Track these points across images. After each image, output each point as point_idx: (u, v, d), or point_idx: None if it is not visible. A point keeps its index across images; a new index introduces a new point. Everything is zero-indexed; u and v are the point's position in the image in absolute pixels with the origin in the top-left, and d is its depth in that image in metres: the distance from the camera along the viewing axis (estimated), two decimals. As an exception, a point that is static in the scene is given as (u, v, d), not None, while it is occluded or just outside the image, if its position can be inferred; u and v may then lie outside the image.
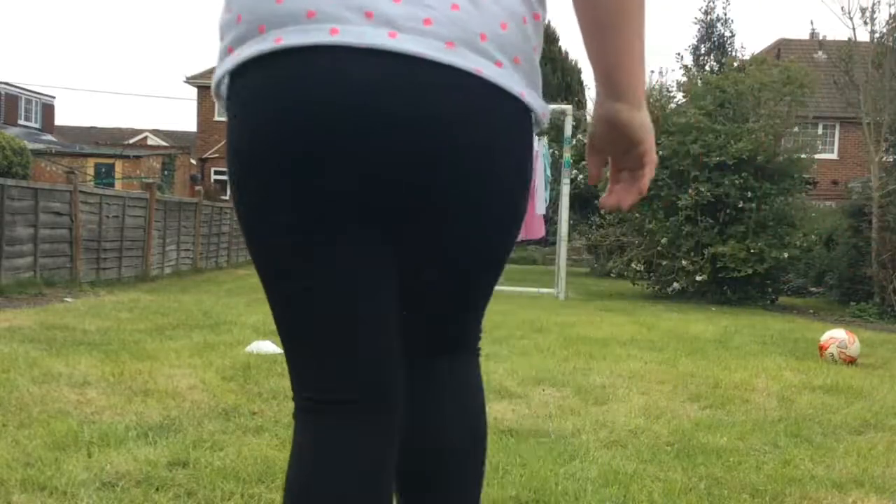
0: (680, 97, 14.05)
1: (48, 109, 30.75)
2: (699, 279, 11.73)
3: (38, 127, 29.35)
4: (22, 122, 28.43)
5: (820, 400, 4.27)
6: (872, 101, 11.81)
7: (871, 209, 11.39)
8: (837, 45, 13.64)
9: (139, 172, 23.45)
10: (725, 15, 33.18)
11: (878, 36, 12.07)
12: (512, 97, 1.04)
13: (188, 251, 14.66)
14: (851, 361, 5.72)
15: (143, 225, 12.32)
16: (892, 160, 12.18)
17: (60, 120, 33.56)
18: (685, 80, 14.54)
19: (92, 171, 22.82)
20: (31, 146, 16.01)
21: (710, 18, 28.38)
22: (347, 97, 0.96)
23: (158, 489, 2.40)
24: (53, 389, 3.65)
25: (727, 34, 28.34)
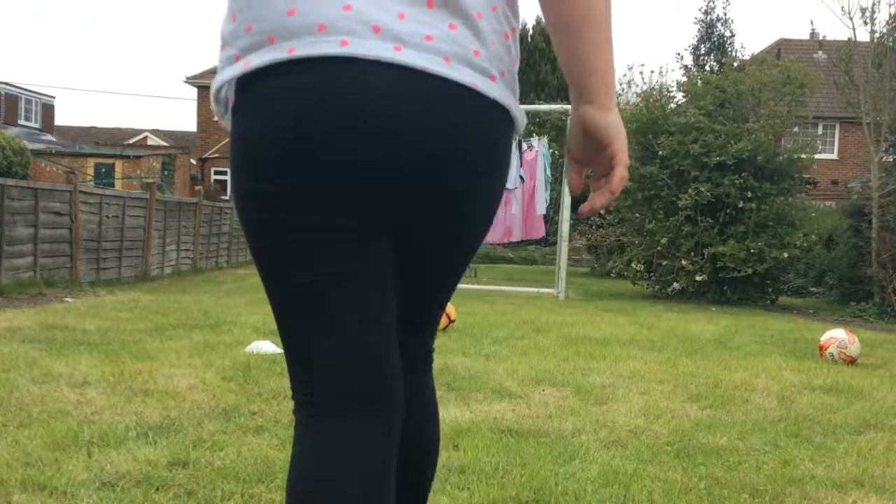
0: (680, 97, 14.04)
1: (48, 109, 30.73)
2: (699, 279, 11.72)
3: (38, 127, 29.34)
4: (22, 122, 28.42)
5: (820, 400, 4.27)
6: (872, 101, 11.81)
7: (871, 209, 11.39)
8: (837, 45, 13.64)
9: (139, 172, 23.45)
10: (725, 15, 33.22)
11: (878, 36, 12.06)
12: (502, 108, 1.12)
13: (188, 251, 14.66)
14: (851, 361, 5.72)
15: (143, 225, 12.32)
16: (892, 160, 12.18)
17: (60, 120, 33.62)
18: (685, 80, 14.54)
19: (92, 171, 22.83)
20: (31, 146, 16.04)
21: (710, 18, 28.37)
22: (356, 104, 1.02)
23: (158, 489, 2.40)
24: (53, 389, 3.65)
25: (727, 34, 28.33)
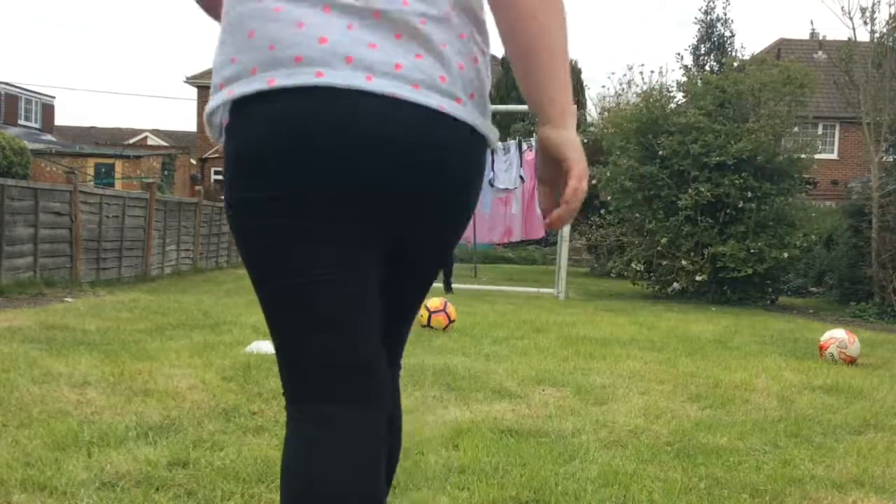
0: (680, 97, 14.03)
1: (48, 109, 30.72)
2: (699, 279, 11.72)
3: (38, 127, 29.32)
4: (22, 122, 28.40)
5: (820, 400, 4.27)
6: (872, 101, 11.80)
7: (871, 209, 11.38)
8: (837, 45, 13.64)
9: (139, 172, 23.45)
10: (725, 15, 33.18)
11: (878, 36, 12.06)
12: (469, 127, 1.20)
13: (188, 251, 14.65)
14: (851, 361, 5.72)
15: (143, 225, 12.31)
16: (892, 160, 12.18)
17: (60, 120, 33.53)
18: (685, 80, 14.51)
19: (92, 171, 22.82)
20: (31, 146, 16.03)
21: (710, 18, 28.36)
22: (330, 127, 1.11)
23: (158, 489, 2.40)
24: (53, 389, 3.65)
25: (727, 34, 28.32)
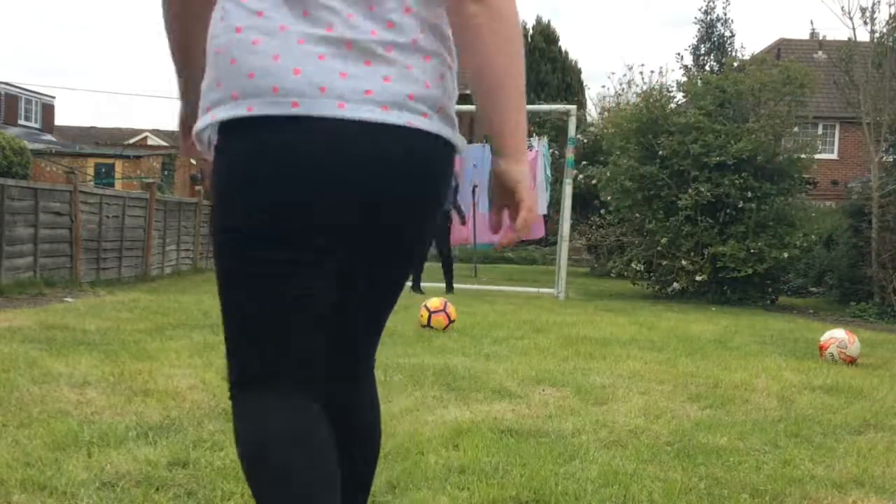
0: (680, 97, 14.03)
1: (48, 109, 30.70)
2: (699, 279, 11.71)
3: (38, 127, 29.30)
4: (22, 122, 28.38)
5: (820, 400, 4.27)
6: (872, 101, 11.79)
7: (871, 209, 11.37)
8: (837, 45, 13.63)
9: (139, 172, 23.43)
10: (725, 15, 33.25)
11: (878, 36, 12.05)
12: (436, 137, 1.33)
13: (188, 251, 14.64)
14: (851, 361, 5.72)
15: (143, 225, 12.30)
16: (892, 160, 12.16)
17: (60, 120, 33.45)
18: (685, 80, 14.51)
19: (92, 171, 22.80)
20: (31, 146, 16.00)
21: (710, 18, 28.41)
22: (307, 152, 1.25)
23: (158, 489, 2.40)
24: (53, 389, 3.65)
25: (727, 34, 28.38)
